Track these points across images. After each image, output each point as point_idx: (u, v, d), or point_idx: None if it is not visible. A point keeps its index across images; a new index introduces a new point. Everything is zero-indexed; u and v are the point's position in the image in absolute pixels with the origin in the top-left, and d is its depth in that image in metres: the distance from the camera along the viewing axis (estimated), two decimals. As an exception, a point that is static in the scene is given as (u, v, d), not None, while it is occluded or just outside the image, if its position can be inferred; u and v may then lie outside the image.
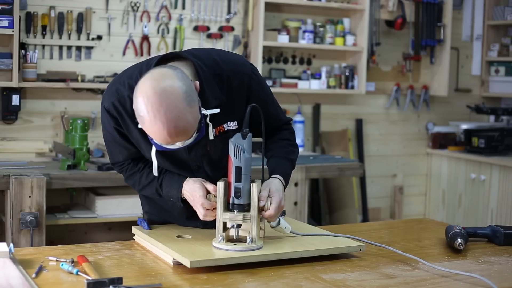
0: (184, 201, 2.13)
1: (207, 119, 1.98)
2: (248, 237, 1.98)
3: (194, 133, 1.90)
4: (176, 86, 1.82)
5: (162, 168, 2.16)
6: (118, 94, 2.06)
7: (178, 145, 1.91)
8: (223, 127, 2.10)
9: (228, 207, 2.01)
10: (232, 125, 2.12)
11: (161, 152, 2.06)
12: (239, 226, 1.99)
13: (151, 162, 2.10)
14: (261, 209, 2.02)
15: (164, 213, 2.29)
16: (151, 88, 1.81)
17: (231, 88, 2.09)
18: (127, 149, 2.15)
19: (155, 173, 2.09)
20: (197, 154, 2.12)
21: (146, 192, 2.22)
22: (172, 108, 1.80)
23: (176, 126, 1.81)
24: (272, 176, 2.15)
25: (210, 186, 2.05)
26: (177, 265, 1.90)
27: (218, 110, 2.01)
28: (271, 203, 2.03)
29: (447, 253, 2.17)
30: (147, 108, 1.80)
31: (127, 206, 3.86)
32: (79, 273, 1.78)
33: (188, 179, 2.11)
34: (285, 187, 2.16)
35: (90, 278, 1.71)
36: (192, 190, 2.07)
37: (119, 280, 1.67)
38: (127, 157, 2.19)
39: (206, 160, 2.15)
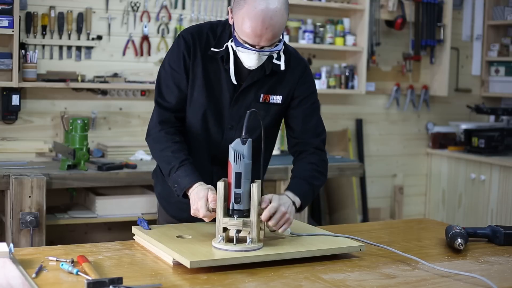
0: (184, 195, 2.15)
1: (282, 50, 2.16)
2: (248, 238, 1.98)
3: (276, 40, 2.08)
4: None
5: (190, 157, 2.20)
6: (199, 28, 2.27)
7: (259, 45, 2.05)
8: (269, 98, 2.27)
9: (228, 212, 2.01)
10: (277, 99, 2.28)
11: (209, 98, 2.22)
12: (239, 231, 1.99)
13: (185, 144, 2.24)
14: (260, 213, 2.02)
15: (175, 197, 2.29)
16: None
17: (289, 66, 2.27)
18: (179, 89, 2.25)
19: (233, 79, 2.18)
20: (238, 111, 2.24)
21: (160, 160, 2.25)
22: (274, 3, 2.03)
23: (271, 17, 2.02)
24: (283, 193, 2.17)
25: (211, 196, 2.05)
26: (177, 265, 1.90)
27: (283, 61, 2.20)
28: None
29: (447, 253, 2.17)
30: None
31: (127, 206, 3.86)
32: (79, 273, 1.78)
33: (201, 182, 2.12)
34: (298, 208, 2.17)
35: (90, 278, 1.71)
36: (197, 193, 2.08)
37: (119, 280, 1.67)
38: (176, 101, 2.25)
39: (242, 123, 2.19)
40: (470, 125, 5.54)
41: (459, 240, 2.16)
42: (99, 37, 4.29)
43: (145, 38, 4.42)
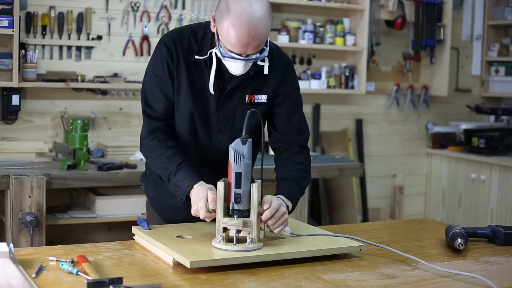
0: (186, 198, 2.14)
1: (266, 54, 2.13)
2: (248, 238, 1.98)
3: (262, 47, 2.07)
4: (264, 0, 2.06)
5: (186, 159, 2.20)
6: (180, 33, 2.25)
7: (245, 54, 2.05)
8: (254, 98, 2.25)
9: (227, 212, 2.01)
10: (262, 98, 2.27)
11: (196, 103, 2.21)
12: (239, 231, 1.99)
13: (180, 147, 2.23)
14: (260, 213, 2.02)
15: (168, 201, 2.29)
16: None
17: (271, 64, 2.24)
18: (166, 97, 2.23)
19: (211, 90, 2.16)
20: (225, 114, 2.24)
21: (157, 168, 2.24)
22: (258, 9, 2.01)
23: (257, 26, 2.01)
24: (277, 196, 2.16)
25: (210, 196, 2.04)
26: (177, 265, 1.90)
27: (267, 64, 2.17)
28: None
29: (447, 253, 2.17)
30: (236, 4, 2.01)
31: (127, 206, 3.86)
32: (79, 273, 1.78)
33: (201, 182, 2.12)
34: (290, 210, 2.17)
35: (90, 278, 1.71)
36: (197, 193, 2.07)
37: (119, 280, 1.67)
38: (164, 110, 2.24)
39: (230, 125, 2.25)
40: (470, 125, 5.54)
41: (459, 240, 2.16)
42: (99, 37, 4.29)
43: (145, 38, 4.42)
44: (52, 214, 3.77)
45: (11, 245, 1.93)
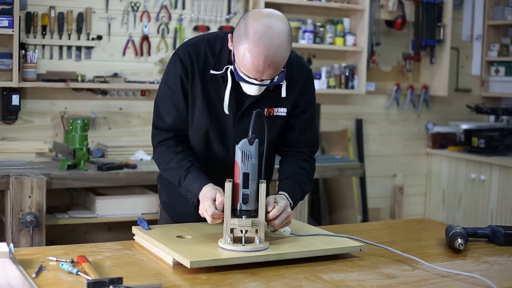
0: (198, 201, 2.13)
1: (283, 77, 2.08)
2: (256, 238, 1.98)
3: (278, 74, 2.02)
4: (284, 22, 2.01)
5: (196, 162, 2.19)
6: (196, 46, 2.18)
7: (260, 79, 2.00)
8: (273, 111, 2.21)
9: (235, 213, 2.01)
10: (281, 111, 2.22)
11: (211, 117, 2.17)
12: (245, 231, 1.99)
13: (189, 150, 2.21)
14: (267, 213, 2.02)
15: (181, 206, 2.28)
16: (265, 12, 2.01)
17: (291, 76, 2.21)
18: (178, 111, 2.20)
19: (226, 111, 2.15)
20: (242, 128, 2.17)
21: (168, 174, 2.23)
22: (277, 37, 1.95)
23: (274, 54, 1.95)
24: (280, 194, 2.16)
25: (219, 198, 2.03)
26: (177, 265, 1.90)
27: (285, 86, 2.14)
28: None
29: (447, 253, 2.17)
30: (254, 28, 1.95)
31: (127, 206, 3.86)
32: (79, 273, 1.78)
33: (210, 184, 2.11)
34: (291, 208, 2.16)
35: (90, 278, 1.71)
36: (204, 193, 2.07)
37: (119, 280, 1.67)
38: (175, 122, 2.21)
39: None
40: (470, 125, 5.54)
41: (459, 240, 2.16)
42: (99, 37, 4.29)
43: (145, 38, 4.42)
44: (52, 214, 3.77)
45: (11, 245, 1.93)
